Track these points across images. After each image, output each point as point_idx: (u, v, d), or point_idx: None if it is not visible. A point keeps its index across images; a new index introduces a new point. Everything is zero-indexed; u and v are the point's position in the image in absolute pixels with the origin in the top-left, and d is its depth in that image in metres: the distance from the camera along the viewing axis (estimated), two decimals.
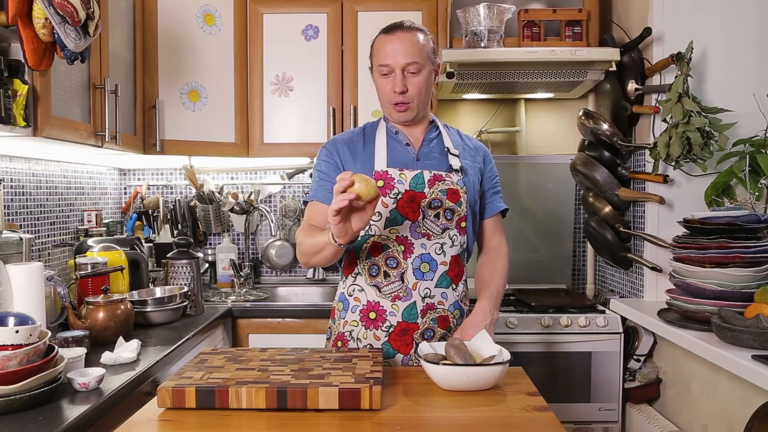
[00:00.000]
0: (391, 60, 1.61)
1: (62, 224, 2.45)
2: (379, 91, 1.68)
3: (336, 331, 1.69)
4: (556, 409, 1.23)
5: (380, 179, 1.62)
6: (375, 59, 1.66)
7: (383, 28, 1.68)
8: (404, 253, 1.61)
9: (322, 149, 1.73)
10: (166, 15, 2.47)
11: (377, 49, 1.66)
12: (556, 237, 2.92)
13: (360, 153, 1.68)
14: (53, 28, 1.53)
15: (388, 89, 1.64)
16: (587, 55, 2.33)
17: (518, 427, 1.12)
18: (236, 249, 2.93)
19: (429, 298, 1.62)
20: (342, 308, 1.68)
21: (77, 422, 1.22)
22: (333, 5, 2.63)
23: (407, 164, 1.66)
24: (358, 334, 1.63)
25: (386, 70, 1.62)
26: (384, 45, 1.63)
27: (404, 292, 1.61)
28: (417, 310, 1.61)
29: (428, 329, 1.62)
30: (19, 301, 1.56)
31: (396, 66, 1.61)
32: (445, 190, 1.64)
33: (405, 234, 1.62)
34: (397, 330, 1.61)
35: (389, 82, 1.63)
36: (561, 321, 2.32)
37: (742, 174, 1.96)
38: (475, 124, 2.98)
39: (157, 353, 1.71)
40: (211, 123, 2.59)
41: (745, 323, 1.61)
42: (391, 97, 1.64)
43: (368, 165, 1.65)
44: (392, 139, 1.70)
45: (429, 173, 1.63)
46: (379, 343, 1.61)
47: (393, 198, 1.61)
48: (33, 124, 1.66)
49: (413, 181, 1.62)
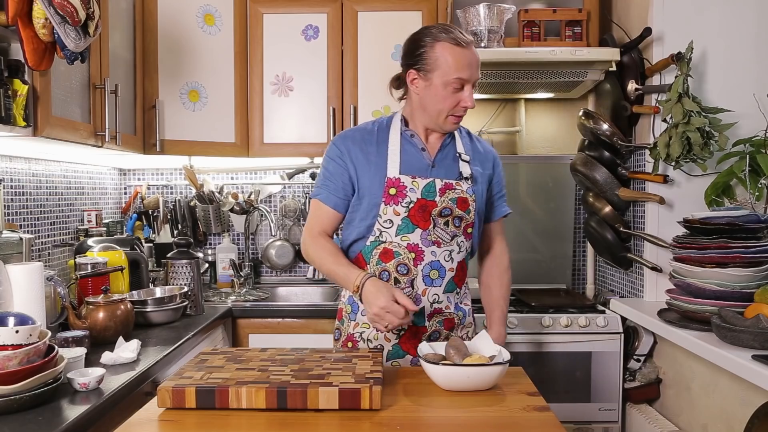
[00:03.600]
0: (469, 74, 1.55)
1: (62, 224, 2.45)
2: (437, 100, 1.58)
3: (346, 332, 1.69)
4: (556, 409, 1.23)
5: (392, 187, 1.60)
6: (444, 69, 1.54)
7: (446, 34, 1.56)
8: (414, 261, 1.62)
9: (333, 146, 1.68)
10: (166, 15, 2.47)
11: (449, 59, 1.54)
12: (556, 237, 2.92)
13: (373, 156, 1.64)
14: (53, 28, 1.53)
15: (452, 102, 1.57)
16: (587, 55, 2.33)
17: (518, 427, 1.12)
18: (236, 249, 2.93)
19: (437, 303, 1.65)
20: (351, 311, 1.68)
21: (77, 422, 1.22)
22: (333, 5, 2.63)
23: (421, 170, 1.63)
24: (369, 336, 1.65)
25: (460, 84, 1.55)
26: (462, 57, 1.54)
27: (414, 298, 1.62)
28: (425, 315, 1.64)
29: (435, 331, 1.66)
30: (19, 301, 1.56)
31: (472, 80, 1.57)
32: (455, 198, 1.63)
33: (416, 242, 1.61)
34: (407, 333, 1.64)
35: (457, 95, 1.56)
36: (561, 321, 2.32)
37: (742, 174, 1.95)
38: (475, 124, 2.98)
39: (157, 353, 1.71)
40: (211, 123, 2.59)
41: (745, 323, 1.61)
42: (454, 110, 1.59)
43: (381, 170, 1.62)
44: (407, 142, 1.66)
45: (441, 182, 1.62)
46: (390, 345, 1.63)
47: (405, 207, 1.60)
48: (33, 124, 1.66)
49: (425, 190, 1.61)
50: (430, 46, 1.56)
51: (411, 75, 1.61)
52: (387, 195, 1.60)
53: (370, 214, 1.62)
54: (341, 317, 1.73)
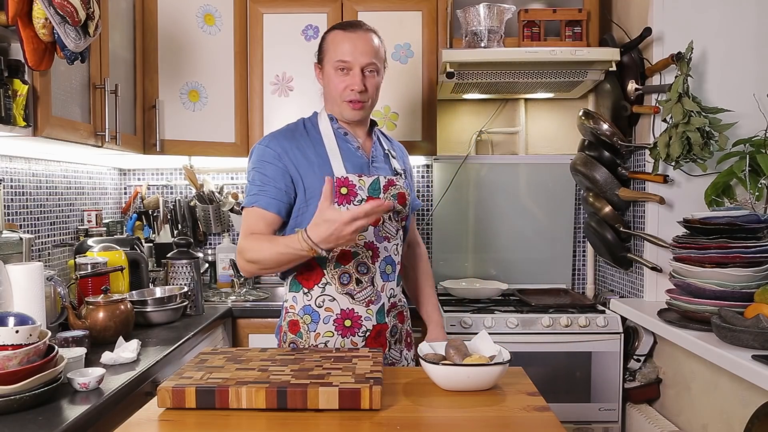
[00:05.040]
0: (351, 57, 1.60)
1: (62, 224, 2.45)
2: (330, 86, 1.64)
3: (307, 344, 1.62)
4: (556, 409, 1.23)
5: (343, 186, 1.59)
6: (330, 54, 1.63)
7: (338, 24, 1.68)
8: (372, 258, 1.63)
9: (266, 148, 1.62)
10: (166, 15, 2.47)
11: (334, 44, 1.63)
12: (556, 237, 2.92)
13: (313, 156, 1.61)
14: (53, 28, 1.53)
15: (343, 86, 1.62)
16: (587, 55, 2.33)
17: (518, 427, 1.12)
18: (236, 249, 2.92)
19: (393, 298, 1.69)
20: (311, 321, 1.62)
21: (77, 422, 1.22)
22: (333, 5, 2.63)
23: (363, 168, 1.65)
24: (335, 344, 1.62)
25: (344, 66, 1.61)
26: (343, 41, 1.62)
27: (375, 296, 1.64)
28: (384, 311, 1.65)
29: (394, 327, 1.69)
30: (19, 301, 1.56)
31: (356, 64, 1.61)
32: (396, 194, 1.68)
33: (371, 239, 1.63)
34: (372, 333, 1.63)
35: (346, 79, 1.61)
36: (561, 321, 2.32)
37: (742, 174, 1.95)
38: (475, 124, 2.98)
39: (157, 353, 1.72)
40: (211, 123, 2.59)
41: (745, 323, 1.61)
42: (346, 95, 1.62)
43: (326, 169, 1.59)
44: (343, 141, 1.66)
45: (384, 179, 1.66)
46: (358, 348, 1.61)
47: (358, 205, 1.58)
48: (33, 124, 1.66)
49: (371, 188, 1.63)
50: (325, 36, 1.68)
51: (316, 68, 1.71)
52: (339, 195, 1.59)
53: None
54: (297, 331, 1.64)
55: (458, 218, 2.93)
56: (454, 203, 2.92)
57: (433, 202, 2.96)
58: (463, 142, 2.99)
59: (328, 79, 1.65)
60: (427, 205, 2.99)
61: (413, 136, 2.64)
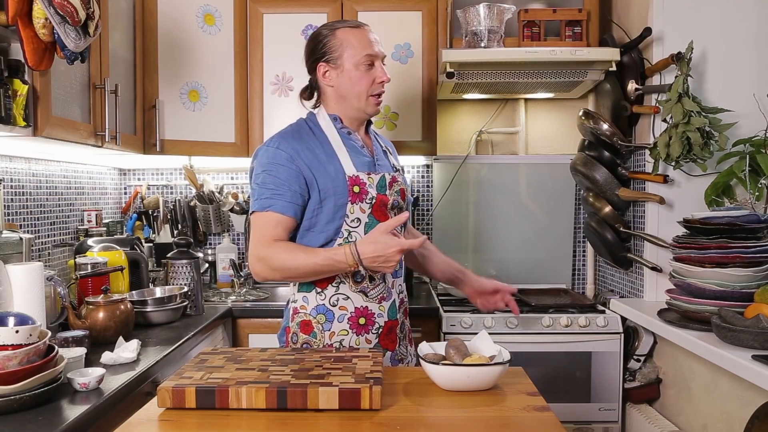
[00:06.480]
0: (378, 49, 1.61)
1: (62, 224, 2.45)
2: (354, 83, 1.61)
3: (321, 344, 1.62)
4: (556, 409, 1.23)
5: (355, 185, 1.59)
6: (350, 51, 1.60)
7: (338, 23, 1.65)
8: None
9: (277, 150, 1.58)
10: (166, 15, 2.47)
11: (350, 42, 1.60)
12: (556, 237, 2.92)
13: (323, 156, 1.60)
14: (53, 28, 1.53)
15: (368, 81, 1.61)
16: (587, 55, 2.33)
17: (518, 427, 1.12)
18: (236, 249, 2.92)
19: (401, 294, 1.71)
20: (325, 320, 1.62)
21: (77, 422, 1.22)
22: (333, 5, 2.63)
23: (369, 167, 1.66)
24: (349, 342, 1.62)
25: (372, 60, 1.61)
26: (359, 36, 1.61)
27: (387, 293, 1.65)
28: (396, 307, 1.68)
29: (402, 322, 1.71)
30: (19, 301, 1.56)
31: (381, 55, 1.62)
32: (398, 190, 1.69)
33: None
34: (384, 330, 1.65)
35: (371, 72, 1.61)
36: (561, 321, 2.32)
37: (742, 174, 1.95)
38: (475, 124, 2.98)
39: (157, 353, 1.72)
40: (211, 123, 2.59)
41: (745, 323, 1.61)
42: (374, 89, 1.62)
43: (337, 169, 1.59)
44: (348, 140, 1.66)
45: (389, 176, 1.66)
46: (371, 346, 1.63)
47: (368, 203, 1.61)
48: (33, 124, 1.66)
49: (378, 185, 1.63)
50: (331, 35, 1.62)
51: (321, 69, 1.64)
52: (352, 193, 1.59)
53: (337, 215, 1.59)
54: (310, 331, 1.62)
55: (458, 218, 2.93)
56: (454, 203, 2.92)
57: (433, 202, 2.96)
58: (463, 142, 2.99)
59: (350, 75, 1.60)
60: (427, 205, 2.99)
61: (413, 136, 2.64)
